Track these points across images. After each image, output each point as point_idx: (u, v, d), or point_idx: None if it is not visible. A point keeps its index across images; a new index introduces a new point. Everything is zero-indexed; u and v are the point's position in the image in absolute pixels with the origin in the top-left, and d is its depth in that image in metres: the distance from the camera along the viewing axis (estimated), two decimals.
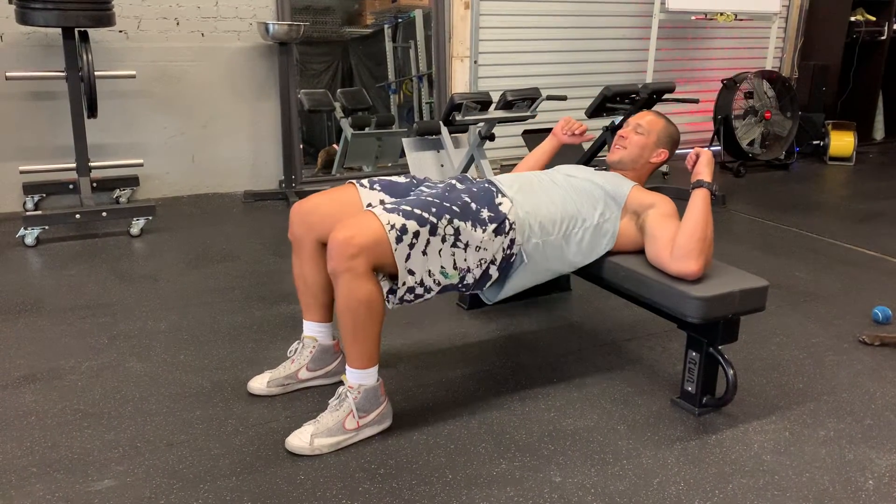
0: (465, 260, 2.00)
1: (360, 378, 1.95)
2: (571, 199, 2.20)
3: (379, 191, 2.16)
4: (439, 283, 1.97)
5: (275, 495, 1.75)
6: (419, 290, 1.95)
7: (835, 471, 1.90)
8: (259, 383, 2.20)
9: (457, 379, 2.33)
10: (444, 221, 1.96)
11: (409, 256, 1.90)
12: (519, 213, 2.10)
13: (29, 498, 1.72)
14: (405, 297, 1.95)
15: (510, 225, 2.07)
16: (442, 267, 1.96)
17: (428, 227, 1.92)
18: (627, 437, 2.03)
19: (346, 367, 1.96)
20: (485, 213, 2.04)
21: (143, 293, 2.97)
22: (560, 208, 2.17)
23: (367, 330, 1.89)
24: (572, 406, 2.18)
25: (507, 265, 2.11)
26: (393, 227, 1.87)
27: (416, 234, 1.90)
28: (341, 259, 1.82)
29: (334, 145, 5.81)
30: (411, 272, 1.91)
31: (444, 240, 1.95)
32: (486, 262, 2.04)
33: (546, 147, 2.66)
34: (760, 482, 1.84)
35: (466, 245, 1.99)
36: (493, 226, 2.03)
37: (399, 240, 1.87)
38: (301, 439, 1.92)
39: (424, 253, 1.92)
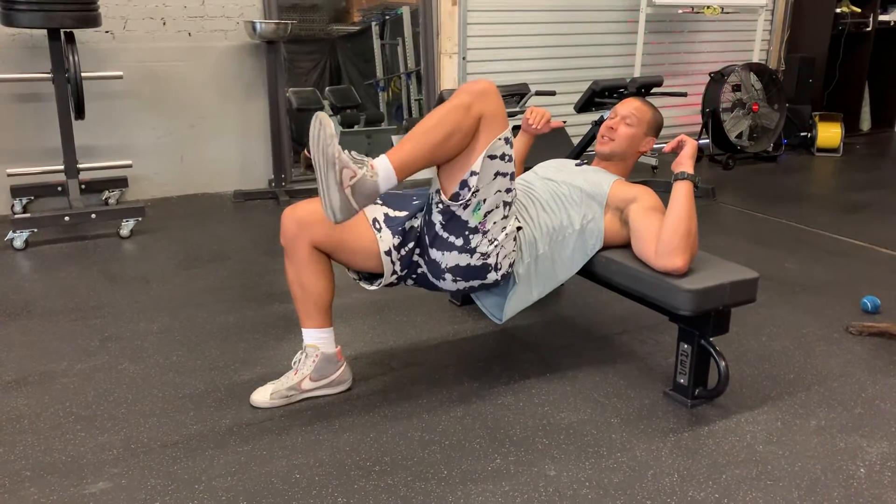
0: (494, 223, 2.00)
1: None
2: (552, 210, 2.24)
3: (381, 204, 2.12)
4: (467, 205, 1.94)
5: (270, 494, 1.75)
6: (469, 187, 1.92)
7: (826, 459, 1.91)
8: (262, 396, 2.14)
9: (450, 375, 2.33)
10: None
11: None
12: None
13: (23, 502, 1.71)
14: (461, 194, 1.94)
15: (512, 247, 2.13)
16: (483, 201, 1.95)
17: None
18: (621, 429, 2.04)
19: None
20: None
21: (134, 295, 2.96)
22: (544, 223, 2.22)
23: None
24: (566, 400, 2.19)
25: (503, 281, 2.14)
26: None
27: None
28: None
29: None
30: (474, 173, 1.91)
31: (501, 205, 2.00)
32: (494, 252, 2.03)
33: (518, 144, 2.58)
34: (753, 472, 1.86)
35: (497, 221, 2.01)
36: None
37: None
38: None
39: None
